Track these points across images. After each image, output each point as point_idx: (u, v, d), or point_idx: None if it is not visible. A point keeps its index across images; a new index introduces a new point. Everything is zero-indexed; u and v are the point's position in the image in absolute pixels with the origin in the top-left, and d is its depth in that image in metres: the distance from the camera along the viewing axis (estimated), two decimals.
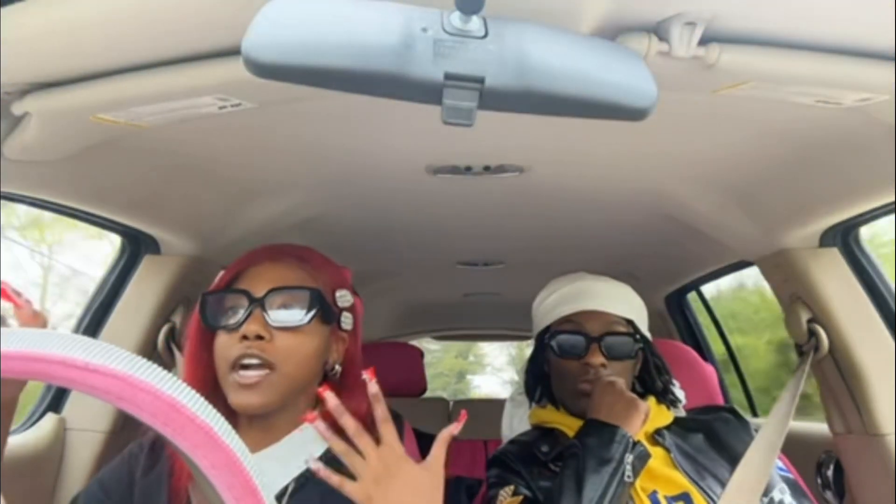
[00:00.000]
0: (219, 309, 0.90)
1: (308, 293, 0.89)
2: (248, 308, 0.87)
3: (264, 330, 0.86)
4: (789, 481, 1.12)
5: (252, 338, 0.85)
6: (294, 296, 0.89)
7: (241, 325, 0.86)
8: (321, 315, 0.90)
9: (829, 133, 1.01)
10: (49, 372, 0.44)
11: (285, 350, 0.87)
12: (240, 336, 0.86)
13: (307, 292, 0.89)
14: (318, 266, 0.96)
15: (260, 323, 0.86)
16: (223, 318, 0.89)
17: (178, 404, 0.46)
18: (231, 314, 0.89)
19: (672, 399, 1.21)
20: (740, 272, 1.98)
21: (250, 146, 1.13)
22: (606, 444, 1.01)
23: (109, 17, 0.66)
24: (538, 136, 1.10)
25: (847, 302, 1.33)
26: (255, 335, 0.85)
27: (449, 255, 2.16)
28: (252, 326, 0.86)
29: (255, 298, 0.88)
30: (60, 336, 0.45)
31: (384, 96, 0.54)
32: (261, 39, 0.50)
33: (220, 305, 0.91)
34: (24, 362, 0.43)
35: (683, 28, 0.69)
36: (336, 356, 0.96)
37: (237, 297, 0.89)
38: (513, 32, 0.53)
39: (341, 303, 0.97)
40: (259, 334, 0.86)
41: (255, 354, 0.85)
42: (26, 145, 0.90)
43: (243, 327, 0.86)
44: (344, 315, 0.97)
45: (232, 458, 0.47)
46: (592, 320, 1.17)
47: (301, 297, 0.89)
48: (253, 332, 0.85)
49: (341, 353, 0.97)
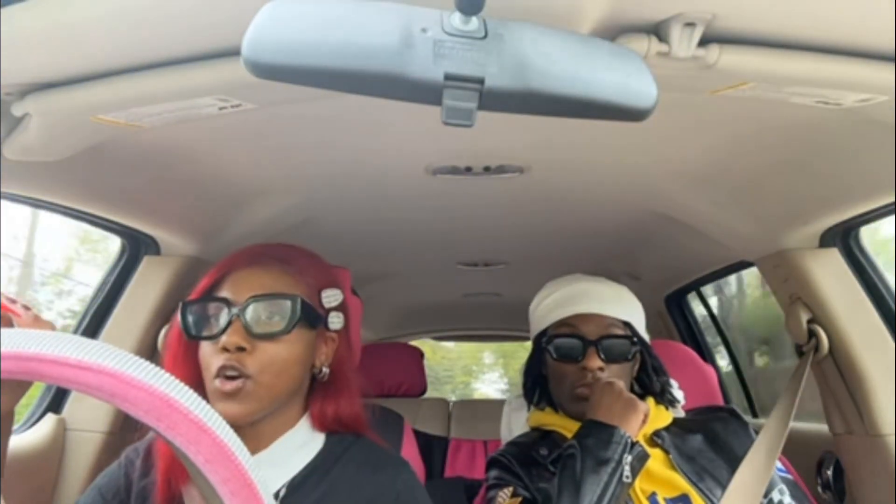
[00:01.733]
0: (200, 317, 0.88)
1: (290, 301, 0.87)
2: (227, 318, 0.85)
3: (245, 341, 0.84)
4: (789, 482, 1.12)
5: (233, 350, 0.83)
6: (275, 304, 0.87)
7: (221, 336, 0.84)
8: (304, 321, 0.88)
9: (829, 133, 1.01)
10: (43, 371, 0.44)
11: (267, 359, 0.85)
12: (220, 347, 0.84)
13: (288, 300, 0.87)
14: (301, 267, 0.94)
15: (240, 334, 0.84)
16: (204, 327, 0.87)
17: (171, 400, 0.46)
18: (213, 323, 0.87)
19: (670, 399, 1.21)
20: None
21: (250, 146, 1.13)
22: (605, 444, 1.01)
23: (109, 17, 0.66)
24: (538, 137, 1.10)
25: (847, 302, 1.33)
26: (236, 347, 0.83)
27: (449, 256, 2.16)
28: (233, 338, 0.83)
29: (235, 308, 0.85)
30: (54, 335, 0.45)
31: (384, 97, 0.54)
32: (261, 39, 0.50)
33: (200, 313, 0.88)
34: (18, 362, 0.44)
35: (683, 28, 0.69)
36: (324, 358, 0.94)
37: (217, 306, 0.87)
38: (513, 33, 0.53)
39: (328, 303, 0.94)
40: (240, 346, 0.83)
41: (234, 366, 0.83)
42: (26, 145, 0.90)
43: (223, 339, 0.84)
44: (332, 315, 0.94)
45: (226, 453, 0.47)
46: (589, 323, 1.16)
47: (282, 305, 0.87)
48: (233, 343, 0.83)
49: (330, 354, 0.94)
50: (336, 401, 0.93)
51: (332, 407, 0.93)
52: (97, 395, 0.45)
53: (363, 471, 0.90)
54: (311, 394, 0.94)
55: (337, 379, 0.94)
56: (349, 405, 0.94)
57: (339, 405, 0.93)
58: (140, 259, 1.45)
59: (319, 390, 0.94)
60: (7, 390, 0.72)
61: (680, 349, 1.58)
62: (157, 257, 1.45)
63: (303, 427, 0.92)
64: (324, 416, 0.92)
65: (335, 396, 0.93)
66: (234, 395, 0.83)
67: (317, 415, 0.92)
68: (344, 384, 0.95)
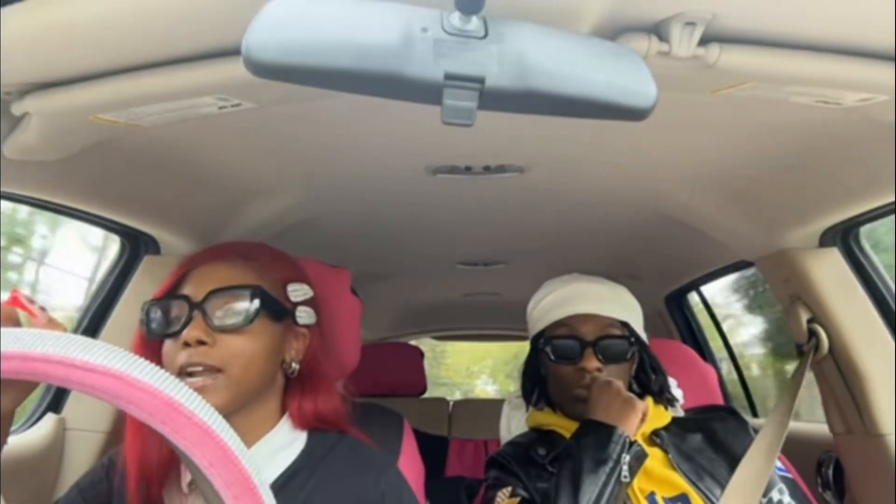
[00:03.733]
0: (161, 316, 0.87)
1: (249, 291, 0.86)
2: (188, 313, 0.84)
3: (206, 335, 0.83)
4: (788, 481, 1.12)
5: (194, 344, 0.82)
6: (235, 295, 0.86)
7: (181, 332, 0.83)
8: (267, 312, 0.87)
9: (829, 133, 1.01)
10: (48, 371, 0.44)
11: (230, 352, 0.83)
12: (182, 343, 0.83)
13: (248, 291, 0.86)
14: (264, 262, 0.93)
15: (201, 328, 0.83)
16: (166, 325, 0.86)
17: (175, 403, 0.46)
18: (173, 322, 0.86)
19: (669, 398, 1.21)
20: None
21: (250, 146, 1.13)
22: (603, 443, 1.01)
23: (109, 16, 0.66)
24: (538, 136, 1.10)
25: (847, 302, 1.33)
26: (197, 341, 0.82)
27: (449, 256, 2.16)
28: (193, 332, 0.82)
29: (195, 303, 0.84)
30: (59, 336, 0.45)
31: (384, 96, 0.54)
32: (261, 39, 0.50)
33: (162, 313, 0.87)
34: (24, 362, 0.44)
35: (683, 28, 0.69)
36: (294, 353, 0.92)
37: (178, 304, 0.86)
38: (513, 32, 0.53)
39: (295, 297, 0.93)
40: (200, 339, 0.82)
41: (198, 362, 0.82)
42: (26, 145, 0.89)
43: (184, 333, 0.83)
44: (300, 310, 0.93)
45: (230, 456, 0.47)
46: (587, 324, 1.16)
47: (243, 295, 0.86)
48: (194, 337, 0.82)
49: (300, 350, 0.93)
50: (314, 397, 0.92)
51: (310, 404, 0.91)
52: (102, 396, 0.45)
53: (348, 471, 0.89)
54: (287, 392, 0.93)
55: (312, 375, 0.93)
56: (327, 401, 0.92)
57: (317, 401, 0.92)
58: (140, 259, 1.45)
59: (296, 388, 0.93)
60: (11, 391, 0.71)
61: (680, 349, 1.58)
62: (157, 257, 1.44)
63: (283, 427, 0.91)
64: (303, 413, 0.91)
65: (312, 393, 0.92)
66: (200, 392, 0.82)
67: (296, 412, 0.91)
68: (320, 380, 0.93)
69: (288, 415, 0.92)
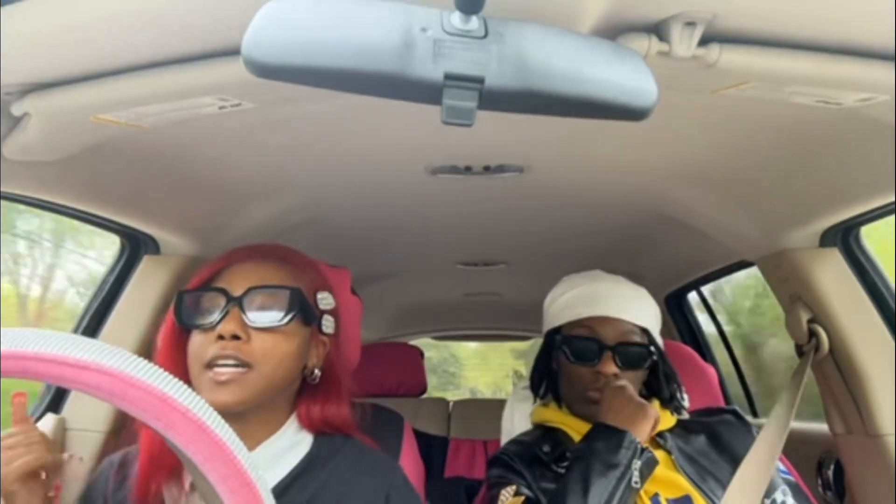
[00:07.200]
0: (195, 308, 0.87)
1: (288, 293, 0.87)
2: (225, 307, 0.84)
3: (241, 330, 0.83)
4: (791, 483, 1.12)
5: (228, 337, 0.83)
6: (273, 295, 0.87)
7: (217, 325, 0.83)
8: (301, 316, 0.88)
9: (829, 133, 1.01)
10: (42, 370, 0.44)
11: (262, 350, 0.84)
12: (216, 336, 0.83)
13: (287, 292, 0.87)
14: (299, 267, 0.94)
15: (237, 322, 0.83)
16: (199, 317, 0.86)
17: (169, 399, 0.46)
18: (207, 313, 0.86)
19: (677, 407, 1.20)
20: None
21: (250, 146, 1.13)
22: (614, 448, 1.00)
23: (109, 16, 0.66)
24: (538, 136, 1.10)
25: (847, 302, 1.33)
26: (232, 335, 0.83)
27: (449, 256, 2.16)
28: (229, 326, 0.83)
29: (233, 297, 0.85)
30: (53, 335, 0.45)
31: (384, 96, 0.54)
32: (261, 39, 0.50)
33: (196, 304, 0.88)
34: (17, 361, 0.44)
35: (683, 28, 0.69)
36: (316, 360, 0.93)
37: (214, 296, 0.86)
38: (513, 32, 0.53)
39: (322, 305, 0.94)
40: (236, 334, 0.83)
41: (230, 355, 0.82)
42: (26, 145, 0.89)
43: (220, 326, 0.83)
44: (325, 318, 0.94)
45: (225, 451, 0.47)
46: (607, 326, 1.14)
47: (281, 296, 0.87)
48: (230, 331, 0.82)
49: (321, 357, 0.94)
50: (323, 402, 0.93)
51: (319, 408, 0.92)
52: (96, 394, 0.45)
53: (353, 473, 0.90)
54: (298, 395, 0.94)
55: (325, 382, 0.94)
56: (336, 408, 0.93)
57: (325, 407, 0.92)
58: (140, 259, 1.45)
59: (308, 392, 0.94)
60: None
61: (680, 349, 1.58)
62: (157, 257, 1.44)
63: (290, 428, 0.91)
64: (310, 416, 0.92)
65: (323, 399, 0.93)
66: (227, 383, 0.82)
67: (304, 416, 0.92)
68: (332, 388, 0.94)
69: (295, 416, 0.92)
